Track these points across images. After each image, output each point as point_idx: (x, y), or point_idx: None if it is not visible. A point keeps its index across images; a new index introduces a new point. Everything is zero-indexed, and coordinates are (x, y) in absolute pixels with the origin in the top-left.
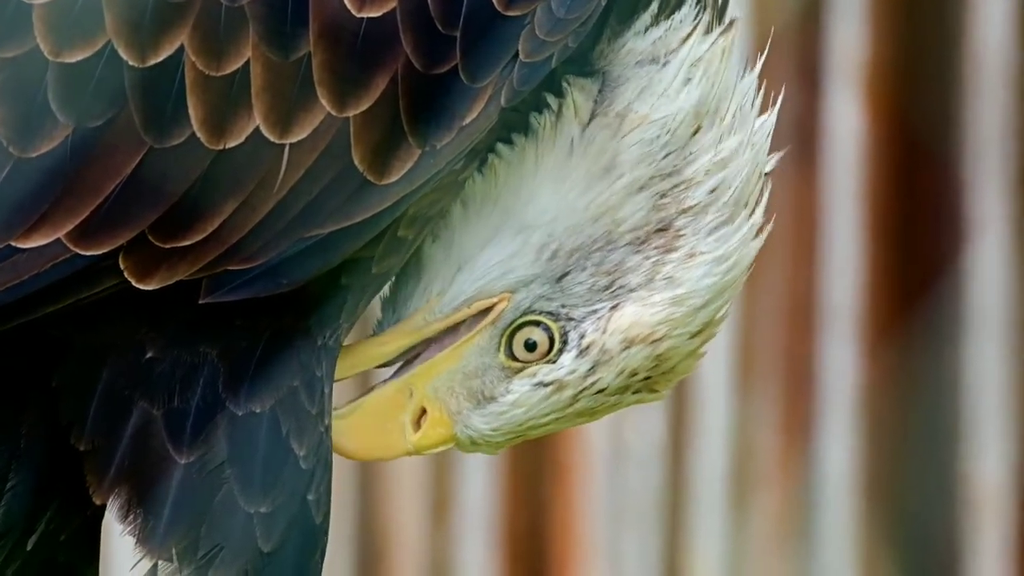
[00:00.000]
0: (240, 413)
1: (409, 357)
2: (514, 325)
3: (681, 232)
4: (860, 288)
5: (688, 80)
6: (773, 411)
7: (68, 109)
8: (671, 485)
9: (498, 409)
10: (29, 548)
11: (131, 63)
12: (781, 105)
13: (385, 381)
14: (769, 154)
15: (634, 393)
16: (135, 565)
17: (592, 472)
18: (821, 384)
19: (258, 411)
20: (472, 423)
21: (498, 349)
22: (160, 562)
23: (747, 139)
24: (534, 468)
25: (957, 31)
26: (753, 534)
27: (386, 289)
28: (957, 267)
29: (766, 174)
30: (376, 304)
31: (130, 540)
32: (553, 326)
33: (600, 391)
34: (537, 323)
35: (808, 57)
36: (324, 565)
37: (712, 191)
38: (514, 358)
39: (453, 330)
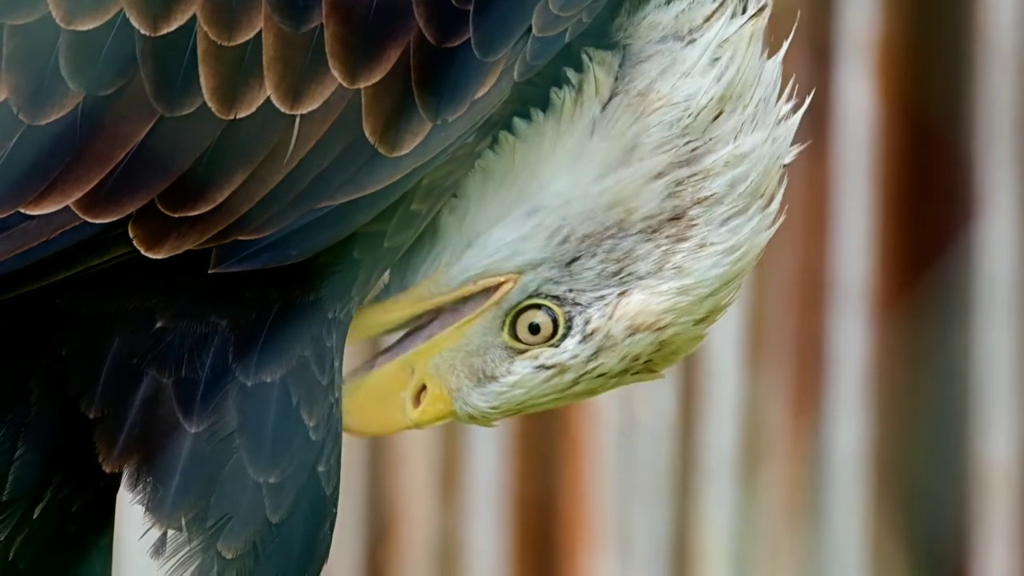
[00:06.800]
0: (250, 383)
1: (412, 327)
2: (519, 307)
3: (694, 222)
4: (870, 265)
5: (714, 61)
6: (783, 387)
7: (79, 77)
8: (681, 460)
9: (498, 389)
10: (35, 516)
11: (143, 32)
12: (792, 83)
13: (385, 352)
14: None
15: (633, 375)
16: (144, 534)
17: (602, 446)
18: (831, 360)
19: (268, 381)
20: (471, 400)
21: (501, 329)
22: (169, 531)
23: (769, 133)
24: (544, 442)
25: (967, 9)
26: (762, 509)
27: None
28: (967, 244)
29: (784, 165)
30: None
31: (140, 509)
32: (558, 310)
33: (601, 375)
34: (541, 306)
35: (820, 36)
36: (332, 538)
37: (730, 184)
38: (517, 339)
39: (457, 306)
